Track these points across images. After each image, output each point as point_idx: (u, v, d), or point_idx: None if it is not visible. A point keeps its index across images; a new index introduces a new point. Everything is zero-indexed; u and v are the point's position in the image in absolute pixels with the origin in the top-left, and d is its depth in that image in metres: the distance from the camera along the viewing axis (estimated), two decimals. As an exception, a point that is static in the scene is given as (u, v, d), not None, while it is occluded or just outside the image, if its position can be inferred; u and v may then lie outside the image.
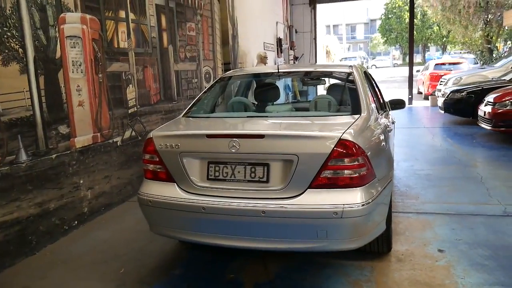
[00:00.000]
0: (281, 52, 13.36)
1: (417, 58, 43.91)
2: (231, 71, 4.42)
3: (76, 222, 4.22)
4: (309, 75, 4.25)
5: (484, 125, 7.94)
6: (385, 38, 47.88)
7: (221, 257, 3.40)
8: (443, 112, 10.32)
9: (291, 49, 14.41)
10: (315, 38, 15.27)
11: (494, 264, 3.12)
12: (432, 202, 4.58)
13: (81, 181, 4.32)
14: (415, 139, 8.43)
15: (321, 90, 17.90)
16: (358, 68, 3.72)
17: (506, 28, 21.87)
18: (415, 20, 40.74)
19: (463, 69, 16.02)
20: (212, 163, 2.73)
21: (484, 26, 23.50)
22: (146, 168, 2.96)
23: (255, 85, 4.53)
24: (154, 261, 3.44)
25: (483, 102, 8.14)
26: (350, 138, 2.52)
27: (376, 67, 46.38)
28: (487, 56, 24.09)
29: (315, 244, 2.57)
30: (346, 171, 2.53)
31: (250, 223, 2.59)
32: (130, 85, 5.21)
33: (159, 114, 5.85)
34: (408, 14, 14.50)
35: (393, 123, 4.42)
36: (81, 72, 4.36)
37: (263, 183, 2.62)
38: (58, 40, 4.05)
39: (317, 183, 2.54)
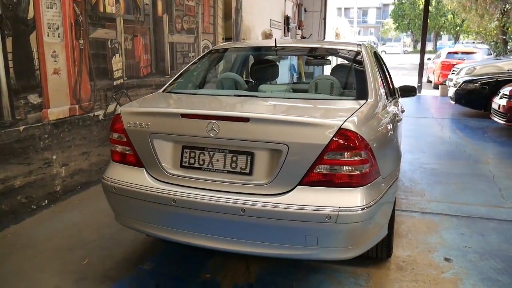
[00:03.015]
0: (288, 31, 12.80)
1: (428, 46, 42.88)
2: (227, 43, 3.96)
3: (46, 202, 3.84)
4: (311, 52, 3.76)
5: (497, 119, 7.48)
6: (397, 24, 46.79)
7: (199, 253, 3.01)
8: (453, 102, 9.82)
9: (298, 28, 13.83)
10: (324, 18, 14.67)
11: (509, 280, 2.72)
12: (438, 201, 4.16)
13: (54, 157, 3.92)
14: (422, 129, 7.98)
15: (329, 71, 17.24)
16: (368, 48, 3.25)
17: (524, 19, 21.08)
18: (429, 7, 39.70)
19: (477, 59, 15.42)
20: (187, 148, 2.31)
21: (500, 16, 22.66)
22: (113, 149, 2.55)
23: (252, 60, 4.08)
24: (123, 252, 3.06)
25: (498, 94, 7.65)
26: (352, 128, 2.09)
27: (386, 53, 45.42)
28: (501, 47, 23.32)
29: (302, 251, 2.17)
30: (345, 167, 2.11)
31: (227, 221, 2.19)
32: (117, 55, 4.76)
33: (149, 88, 5.41)
34: (423, 0, 13.86)
35: (402, 111, 3.98)
36: (58, 37, 3.91)
37: (245, 175, 2.20)
38: (32, -2, 3.59)
39: (309, 180, 2.12)
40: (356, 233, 2.13)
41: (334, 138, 2.07)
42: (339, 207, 2.05)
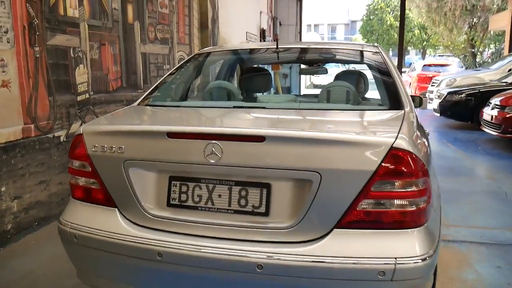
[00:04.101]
0: (265, 44, 12.35)
1: (396, 61, 43.56)
2: (210, 47, 3.37)
3: (-8, 245, 3.10)
4: (324, 55, 3.15)
5: (490, 131, 7.15)
6: (366, 39, 47.49)
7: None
8: (438, 115, 9.53)
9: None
10: (300, 32, 14.34)
11: None
12: (458, 226, 3.65)
13: (3, 189, 3.19)
14: (413, 143, 7.54)
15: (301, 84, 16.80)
16: (383, 49, 2.73)
17: (492, 32, 21.52)
18: (396, 22, 40.34)
19: (451, 71, 15.45)
20: (176, 180, 1.68)
21: (468, 30, 23.10)
22: (73, 182, 1.89)
23: (240, 69, 3.51)
24: (90, 314, 2.36)
25: (489, 105, 7.35)
26: (406, 147, 1.52)
27: (355, 69, 45.90)
28: (471, 60, 23.74)
29: (344, 321, 1.56)
30: (397, 201, 1.53)
31: (235, 283, 1.56)
32: (81, 65, 4.09)
33: (120, 103, 4.74)
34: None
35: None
36: (8, 42, 3.23)
37: (259, 216, 1.60)
38: (-28, -6, 2.92)
39: (350, 220, 1.54)
40: (415, 291, 1.55)
41: (384, 161, 1.49)
42: (395, 258, 1.47)
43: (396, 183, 1.52)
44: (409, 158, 1.52)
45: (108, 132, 1.80)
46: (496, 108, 7.04)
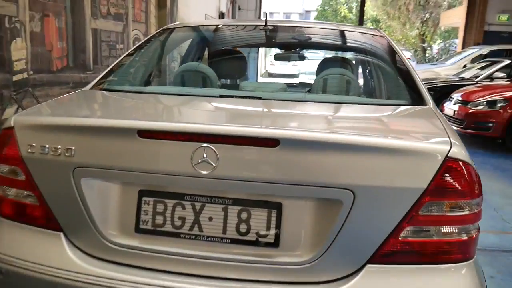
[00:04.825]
0: (223, 29, 11.85)
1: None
2: (177, 23, 2.86)
3: None
4: (318, 39, 2.68)
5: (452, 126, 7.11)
6: (320, 30, 47.94)
7: None
8: (398, 109, 9.50)
9: (233, 26, 12.95)
10: (259, 17, 13.89)
11: None
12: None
13: None
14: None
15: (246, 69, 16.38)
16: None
17: (442, 28, 22.18)
18: (350, 14, 40.89)
19: (407, 65, 15.69)
20: (148, 196, 1.22)
21: (420, 25, 23.69)
22: (1, 194, 1.37)
23: (209, 50, 3.03)
24: None
25: (451, 100, 7.31)
26: (462, 157, 1.17)
27: (309, 59, 46.22)
28: (421, 54, 24.40)
29: None
30: (446, 228, 1.18)
31: None
32: (18, 39, 3.44)
33: (65, 86, 4.11)
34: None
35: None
36: None
37: (266, 247, 1.18)
38: None
39: (386, 253, 1.16)
40: None
41: (438, 176, 1.12)
42: (447, 305, 1.12)
43: (448, 204, 1.16)
44: (465, 172, 1.16)
45: (51, 126, 1.28)
46: (459, 103, 7.00)
